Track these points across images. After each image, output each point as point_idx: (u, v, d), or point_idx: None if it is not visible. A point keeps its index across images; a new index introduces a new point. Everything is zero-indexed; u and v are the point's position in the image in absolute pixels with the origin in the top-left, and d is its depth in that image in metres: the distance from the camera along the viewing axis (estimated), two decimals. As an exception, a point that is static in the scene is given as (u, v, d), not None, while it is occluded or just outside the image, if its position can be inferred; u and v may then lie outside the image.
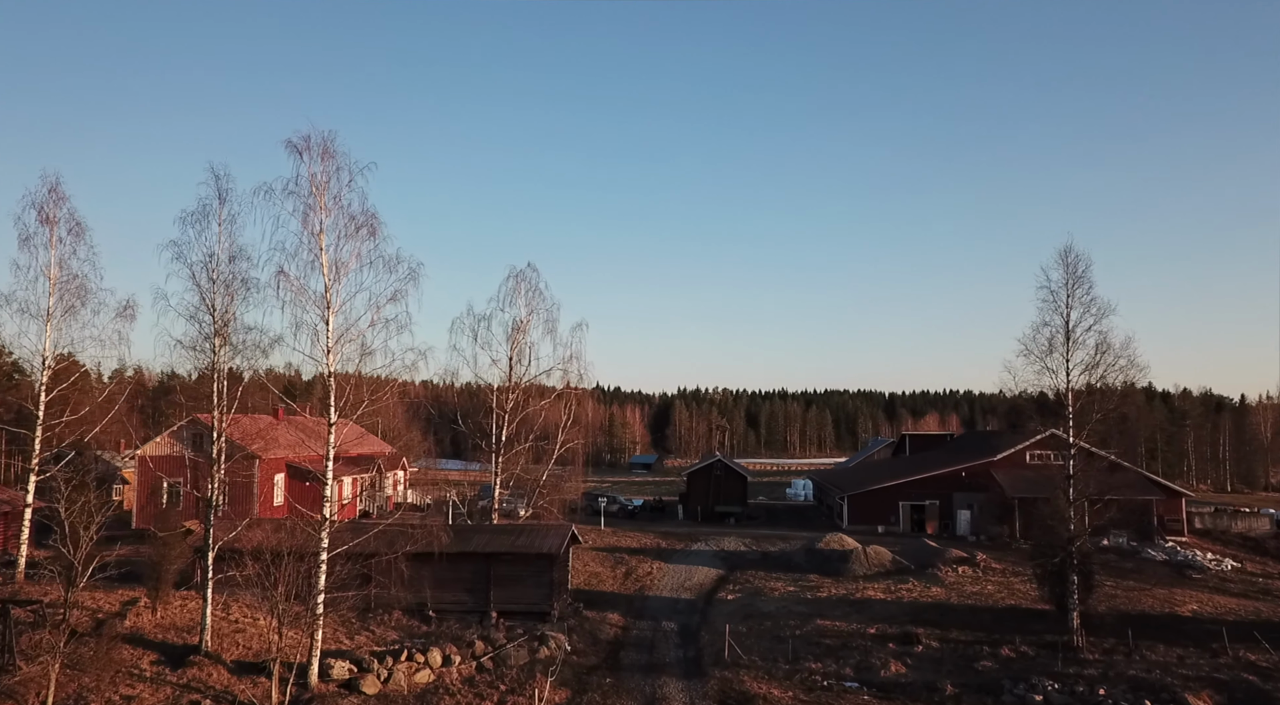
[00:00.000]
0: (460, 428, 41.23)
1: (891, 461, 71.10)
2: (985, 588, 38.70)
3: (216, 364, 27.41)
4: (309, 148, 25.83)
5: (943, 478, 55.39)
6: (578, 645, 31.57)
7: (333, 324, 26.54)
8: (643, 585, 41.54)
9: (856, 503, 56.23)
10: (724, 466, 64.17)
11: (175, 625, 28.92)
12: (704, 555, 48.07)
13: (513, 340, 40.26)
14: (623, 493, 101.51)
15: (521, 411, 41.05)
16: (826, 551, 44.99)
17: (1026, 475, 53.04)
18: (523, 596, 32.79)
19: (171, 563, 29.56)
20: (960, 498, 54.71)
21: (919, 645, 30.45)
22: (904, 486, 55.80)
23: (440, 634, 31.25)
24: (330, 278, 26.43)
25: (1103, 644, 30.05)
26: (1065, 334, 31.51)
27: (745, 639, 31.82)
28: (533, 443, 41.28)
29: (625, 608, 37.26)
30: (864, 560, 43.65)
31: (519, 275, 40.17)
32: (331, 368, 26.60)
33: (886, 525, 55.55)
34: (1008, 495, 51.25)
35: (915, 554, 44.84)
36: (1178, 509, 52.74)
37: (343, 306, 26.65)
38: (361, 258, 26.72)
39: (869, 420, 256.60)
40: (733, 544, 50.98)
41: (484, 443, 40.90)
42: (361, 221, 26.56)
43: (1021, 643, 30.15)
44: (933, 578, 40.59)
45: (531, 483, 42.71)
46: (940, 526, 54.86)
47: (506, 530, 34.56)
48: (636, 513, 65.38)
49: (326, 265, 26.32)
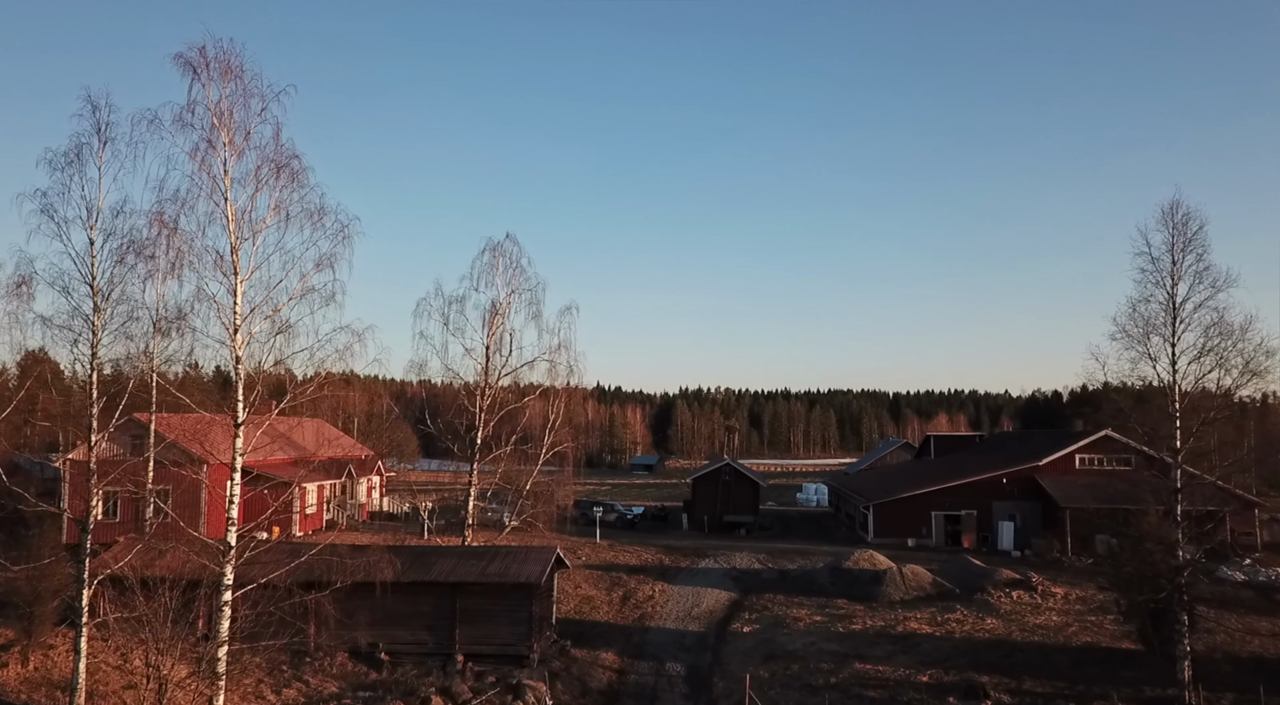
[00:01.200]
0: (428, 428, 35.08)
1: (916, 465, 64.80)
2: (1050, 619, 32.59)
3: (96, 347, 21.33)
4: (206, 65, 19.78)
5: (980, 485, 49.26)
6: (562, 697, 25.62)
7: (242, 295, 20.52)
8: (643, 613, 35.50)
9: (883, 513, 50.10)
10: (733, 471, 57.97)
11: (50, 679, 22.87)
12: (714, 574, 42.00)
13: (490, 326, 34.15)
14: (622, 496, 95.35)
15: (502, 410, 34.98)
16: (855, 571, 38.90)
17: (1078, 482, 47.00)
18: (495, 635, 26.76)
19: (48, 596, 23.48)
20: (1001, 507, 48.61)
21: (987, 700, 24.40)
22: (936, 494, 49.66)
23: (392, 683, 25.37)
24: (238, 235, 20.41)
25: (1219, 701, 23.95)
26: (1170, 312, 25.38)
27: (768, 688, 25.87)
28: (514, 446, 35.18)
29: (622, 643, 31.26)
30: (900, 582, 37.58)
31: (496, 248, 34.05)
32: (240, 352, 20.58)
33: (917, 538, 49.43)
34: (1058, 505, 45.16)
35: (958, 575, 38.74)
36: (1250, 521, 46.60)
37: (255, 273, 20.64)
38: (281, 210, 20.71)
39: (874, 420, 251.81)
40: (745, 560, 44.90)
41: (455, 446, 34.83)
42: (280, 163, 20.54)
43: (1119, 699, 24.06)
44: (984, 605, 34.50)
45: (515, 490, 36.66)
46: (979, 540, 48.74)
47: (477, 554, 28.49)
48: (637, 522, 59.20)
49: (233, 219, 20.29)
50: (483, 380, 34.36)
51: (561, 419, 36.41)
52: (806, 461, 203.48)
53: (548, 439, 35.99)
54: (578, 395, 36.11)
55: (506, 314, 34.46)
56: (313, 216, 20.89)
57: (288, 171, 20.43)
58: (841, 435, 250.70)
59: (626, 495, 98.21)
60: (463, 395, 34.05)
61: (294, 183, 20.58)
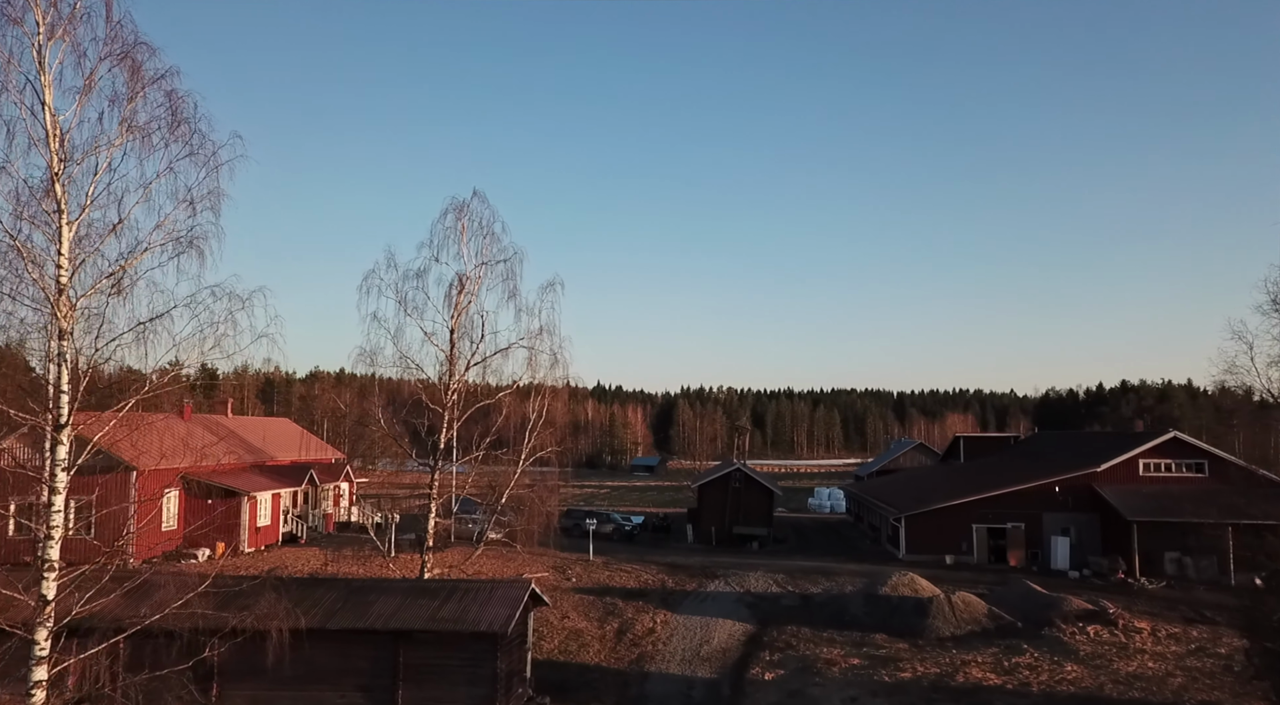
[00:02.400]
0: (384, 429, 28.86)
1: (947, 471, 58.43)
2: (1145, 665, 26.40)
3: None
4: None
5: (1028, 494, 43.04)
6: (535, 782, 19.49)
7: (69, 244, 14.38)
8: (642, 652, 29.37)
9: (917, 525, 43.90)
10: (744, 477, 51.69)
11: None
12: (725, 600, 35.89)
13: (455, 305, 27.93)
14: (622, 500, 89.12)
15: (471, 406, 28.86)
16: (894, 599, 32.77)
17: (1144, 491, 40.88)
18: (449, 697, 20.58)
19: None
20: (1053, 519, 42.42)
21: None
22: (977, 505, 43.44)
23: (311, 767, 19.20)
24: (61, 159, 14.27)
25: None
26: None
27: (805, 770, 19.72)
28: (486, 451, 29.06)
29: (616, 695, 25.19)
30: (949, 614, 31.43)
31: (461, 209, 27.69)
32: (69, 324, 14.45)
33: (956, 554, 43.26)
34: (1122, 518, 39.00)
35: (1017, 603, 32.59)
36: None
37: (88, 213, 14.50)
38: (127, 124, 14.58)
39: (879, 420, 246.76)
40: (761, 582, 38.79)
41: (413, 451, 28.72)
42: (122, 51, 14.40)
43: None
44: (1057, 645, 28.36)
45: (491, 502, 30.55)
46: (1027, 557, 42.55)
47: (429, 590, 22.33)
48: (636, 534, 52.97)
49: (54, 134, 14.15)
50: (447, 371, 28.21)
51: (544, 418, 30.28)
52: (811, 462, 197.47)
53: (528, 442, 29.85)
54: (563, 390, 29.84)
55: (476, 291, 28.31)
56: (175, 133, 14.78)
57: (129, 65, 14.27)
58: (846, 435, 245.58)
59: (626, 499, 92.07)
60: (420, 390, 27.93)
61: (138, 80, 14.44)
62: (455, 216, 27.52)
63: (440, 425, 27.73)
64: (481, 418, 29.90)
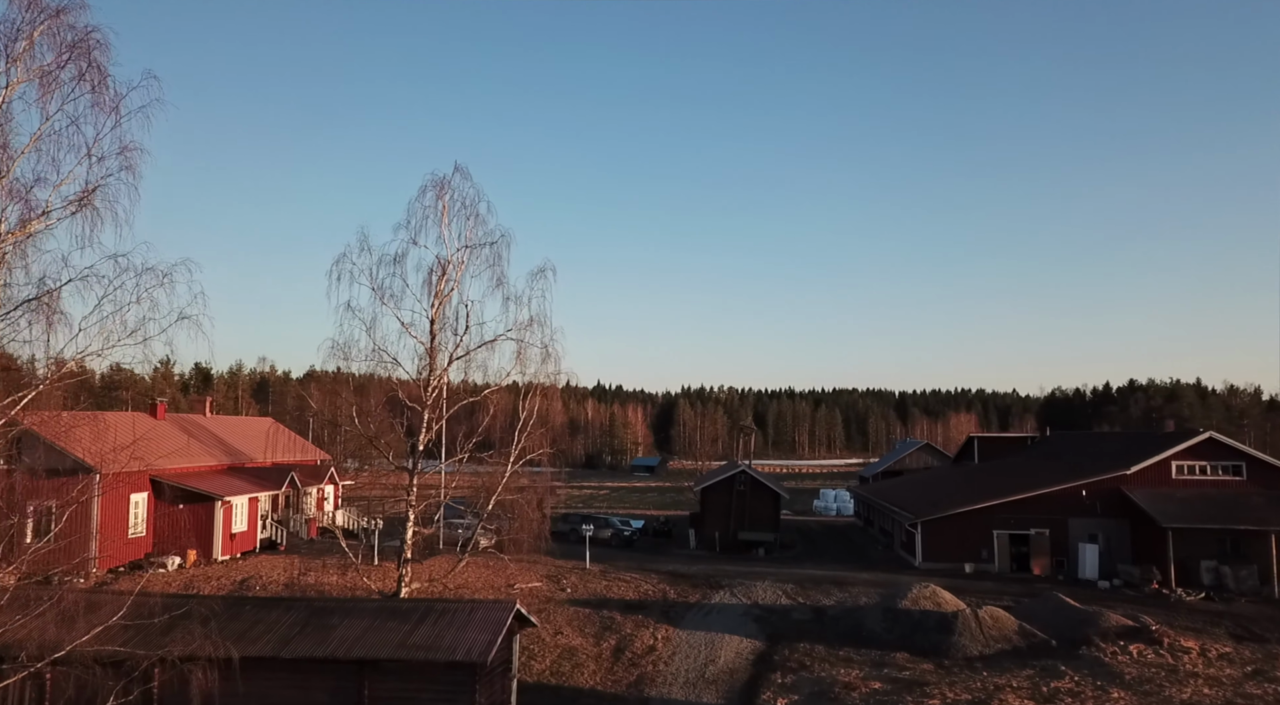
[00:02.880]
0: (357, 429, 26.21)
1: (963, 473, 55.70)
2: (1201, 690, 23.80)
3: None
4: None
5: (1052, 498, 40.40)
6: None
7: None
8: (641, 673, 26.81)
9: (934, 531, 41.28)
10: (750, 480, 49.07)
11: None
12: (731, 613, 33.31)
13: (435, 293, 25.33)
14: (621, 501, 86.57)
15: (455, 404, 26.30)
16: (916, 614, 30.17)
17: (1177, 495, 38.28)
18: (422, 737, 18.03)
19: None
20: (1079, 525, 39.81)
21: None
22: (998, 509, 40.81)
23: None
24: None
25: None
26: None
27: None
28: (472, 451, 26.48)
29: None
30: (976, 631, 28.87)
31: (442, 186, 25.09)
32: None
33: (976, 562, 40.66)
34: (1156, 524, 36.41)
35: (1049, 618, 30.02)
36: None
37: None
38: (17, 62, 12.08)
39: (881, 420, 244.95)
40: (769, 593, 36.20)
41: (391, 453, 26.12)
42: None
43: None
44: (1098, 666, 25.79)
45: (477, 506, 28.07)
46: (1052, 565, 39.95)
47: (400, 612, 19.74)
48: (635, 540, 50.34)
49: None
50: (427, 365, 25.63)
51: (535, 417, 27.70)
52: (813, 463, 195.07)
53: (517, 444, 27.27)
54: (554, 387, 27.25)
55: (459, 278, 25.72)
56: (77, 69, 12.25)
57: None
58: (848, 435, 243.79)
59: (626, 500, 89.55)
60: (397, 387, 25.35)
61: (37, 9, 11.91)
62: (435, 194, 24.97)
63: (420, 425, 25.13)
64: (467, 417, 27.40)
